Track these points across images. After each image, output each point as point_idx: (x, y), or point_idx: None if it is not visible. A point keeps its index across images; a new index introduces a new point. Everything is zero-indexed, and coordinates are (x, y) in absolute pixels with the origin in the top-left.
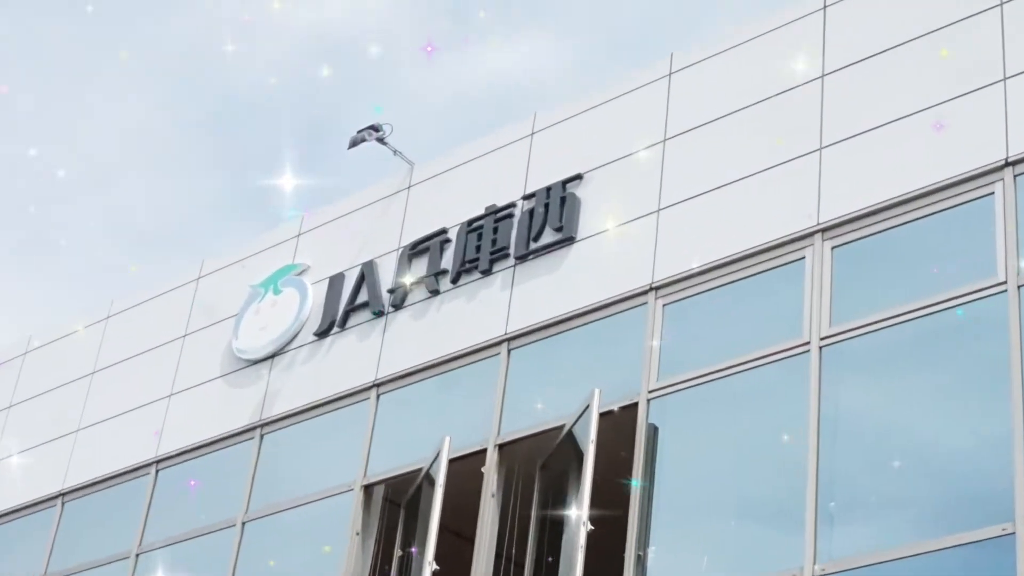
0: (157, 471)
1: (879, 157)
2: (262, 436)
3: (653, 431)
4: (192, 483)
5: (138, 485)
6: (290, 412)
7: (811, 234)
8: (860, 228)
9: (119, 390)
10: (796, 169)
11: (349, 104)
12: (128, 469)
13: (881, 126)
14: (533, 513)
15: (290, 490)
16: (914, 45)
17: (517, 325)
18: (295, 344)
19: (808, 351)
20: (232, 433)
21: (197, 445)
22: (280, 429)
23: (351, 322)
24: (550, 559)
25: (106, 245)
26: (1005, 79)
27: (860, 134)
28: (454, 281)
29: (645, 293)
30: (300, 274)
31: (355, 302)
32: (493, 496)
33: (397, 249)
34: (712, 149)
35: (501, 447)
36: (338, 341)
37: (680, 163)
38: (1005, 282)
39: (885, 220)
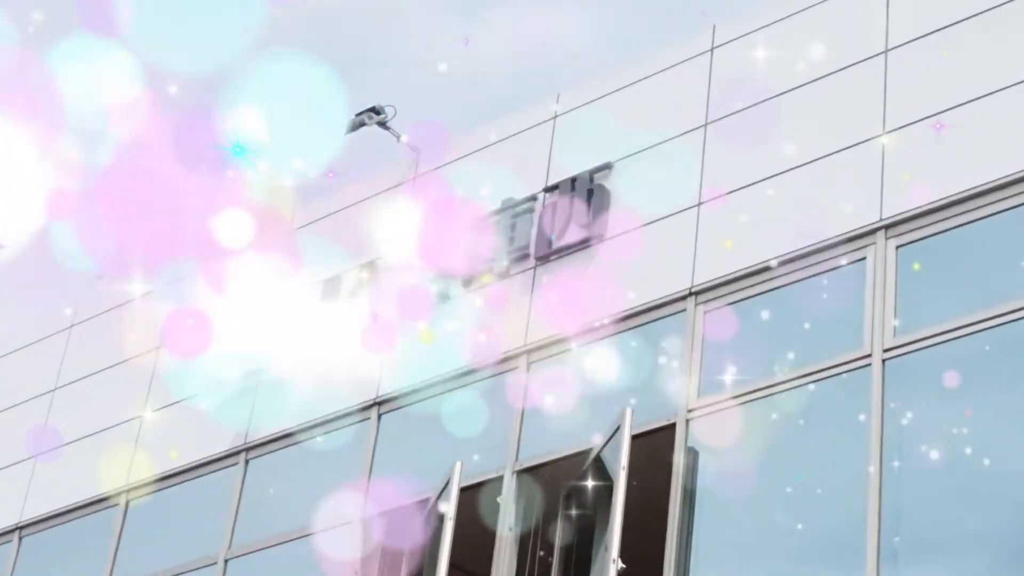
0: (128, 502)
1: (951, 143)
2: (247, 461)
3: (693, 456)
4: None
5: (105, 517)
6: (279, 434)
7: (873, 231)
8: (929, 224)
9: (83, 409)
10: (856, 157)
11: (347, 83)
12: (95, 499)
13: (954, 108)
14: (556, 549)
15: (280, 523)
16: (995, 14)
17: (538, 335)
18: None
19: (869, 364)
20: (213, 458)
21: (173, 472)
22: (268, 453)
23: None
24: None
25: None
26: None
27: (929, 117)
28: (466, 285)
29: (684, 299)
30: None
31: None
32: (510, 530)
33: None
34: (759, 135)
35: (520, 474)
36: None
37: (723, 151)
38: None
39: (958, 215)
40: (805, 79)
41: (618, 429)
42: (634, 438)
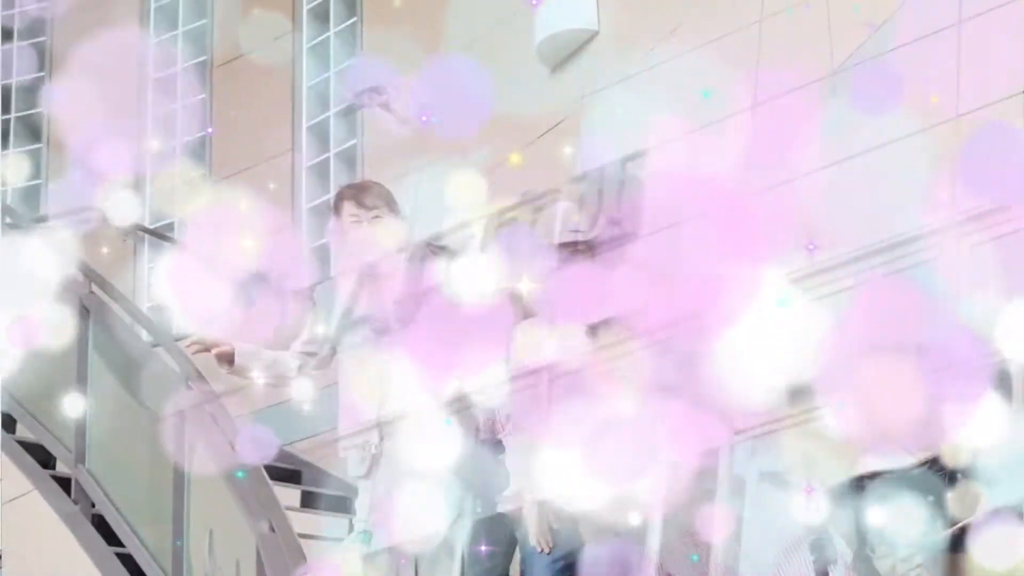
0: None
1: None
2: None
3: (739, 484)
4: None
5: None
6: None
7: (945, 228)
8: (1012, 219)
9: None
10: (925, 144)
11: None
12: None
13: None
14: None
15: None
16: None
17: None
18: None
19: None
20: None
21: None
22: None
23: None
24: None
25: None
26: None
27: (1014, 96)
28: None
29: None
30: None
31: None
32: None
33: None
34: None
35: None
36: None
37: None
38: None
39: None
40: (868, 51)
41: None
42: None
